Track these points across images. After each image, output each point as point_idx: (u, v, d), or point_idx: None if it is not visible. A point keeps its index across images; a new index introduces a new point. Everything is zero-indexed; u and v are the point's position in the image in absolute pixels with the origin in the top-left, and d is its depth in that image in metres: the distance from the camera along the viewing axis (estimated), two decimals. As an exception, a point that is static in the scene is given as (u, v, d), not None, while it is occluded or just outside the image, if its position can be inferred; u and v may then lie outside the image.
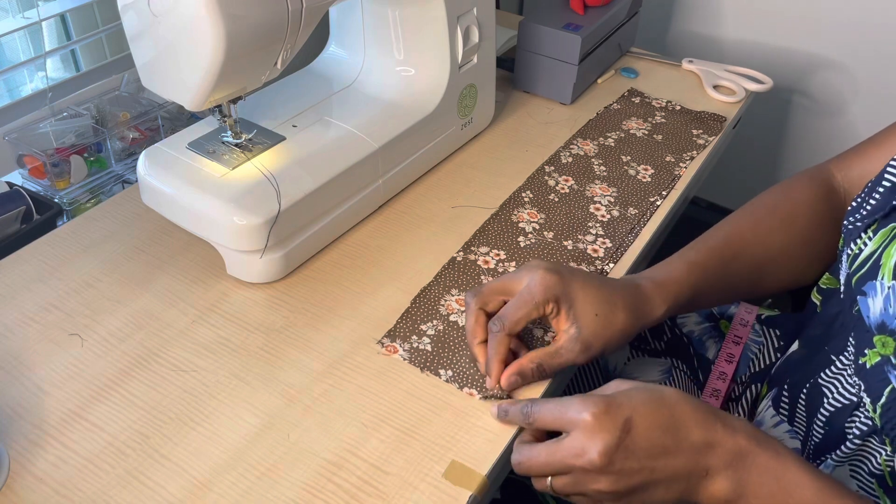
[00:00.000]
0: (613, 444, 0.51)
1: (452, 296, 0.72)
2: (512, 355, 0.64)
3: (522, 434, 0.59)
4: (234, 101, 0.71)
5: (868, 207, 0.61)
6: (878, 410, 0.55)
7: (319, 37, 0.84)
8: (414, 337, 0.68)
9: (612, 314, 0.63)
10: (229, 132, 0.75)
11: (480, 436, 0.61)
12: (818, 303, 0.71)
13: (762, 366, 0.81)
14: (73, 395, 0.63)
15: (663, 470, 0.52)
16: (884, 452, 0.56)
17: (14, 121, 0.87)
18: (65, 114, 0.89)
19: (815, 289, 0.72)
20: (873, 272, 0.57)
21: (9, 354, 0.66)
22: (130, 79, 0.96)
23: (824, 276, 0.71)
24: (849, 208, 0.63)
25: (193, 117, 0.96)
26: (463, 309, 0.70)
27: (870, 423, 0.57)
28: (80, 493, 0.56)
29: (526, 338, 0.68)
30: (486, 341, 0.64)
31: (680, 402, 0.52)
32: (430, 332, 0.68)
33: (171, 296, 0.72)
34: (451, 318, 0.70)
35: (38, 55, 0.90)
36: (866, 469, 0.58)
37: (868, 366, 0.56)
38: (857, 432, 0.58)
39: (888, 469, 0.56)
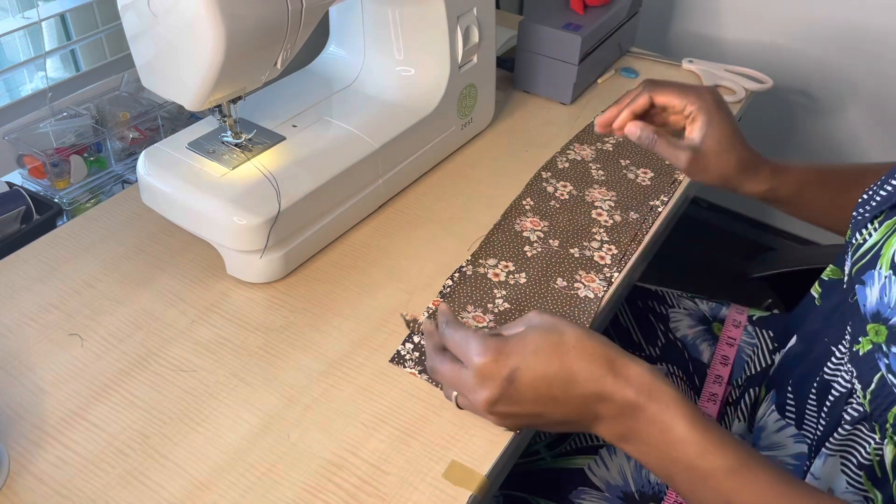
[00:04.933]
0: (496, 395, 0.54)
1: (469, 312, 0.71)
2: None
3: (435, 339, 0.61)
4: (234, 101, 0.71)
5: (878, 199, 0.61)
6: (868, 397, 0.56)
7: (319, 37, 0.84)
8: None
9: (725, 155, 0.72)
10: (229, 132, 0.75)
11: (480, 436, 0.61)
12: (817, 296, 0.71)
13: (758, 368, 0.81)
14: (73, 395, 0.63)
15: (551, 414, 0.55)
16: (873, 441, 0.57)
17: (14, 121, 0.87)
18: (65, 114, 0.89)
19: (816, 282, 0.72)
20: (873, 262, 0.57)
21: (9, 354, 0.66)
22: (130, 79, 0.96)
23: (828, 269, 0.71)
24: (859, 200, 0.64)
25: (193, 117, 0.96)
26: (481, 325, 0.70)
27: (861, 409, 0.57)
28: (81, 493, 0.56)
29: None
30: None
31: (573, 353, 0.54)
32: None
33: (171, 296, 0.72)
34: None
35: (38, 55, 0.90)
36: (855, 461, 0.58)
37: (861, 353, 0.57)
38: (849, 418, 0.59)
39: (877, 459, 0.57)
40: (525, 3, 1.56)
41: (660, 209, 0.84)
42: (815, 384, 0.65)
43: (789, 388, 0.68)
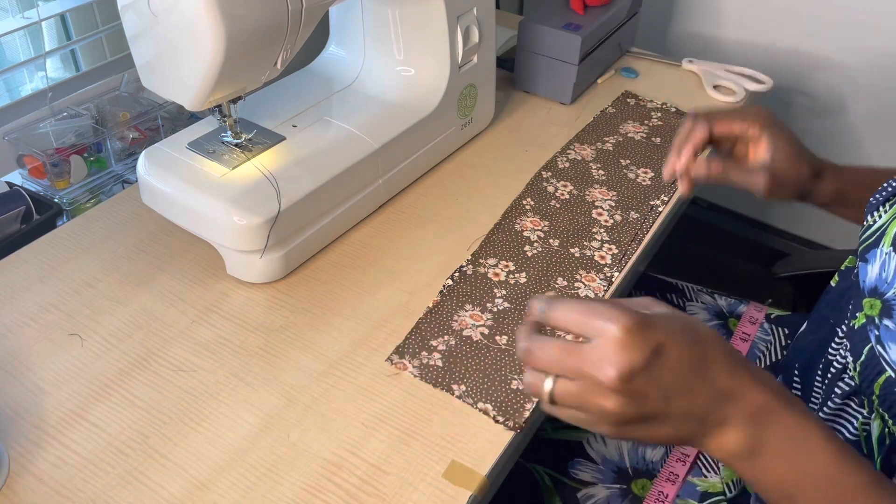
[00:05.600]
0: (640, 365, 0.45)
1: (466, 311, 0.71)
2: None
3: (530, 322, 0.50)
4: (234, 101, 0.71)
5: (894, 185, 0.62)
6: (858, 369, 0.56)
7: (319, 37, 0.84)
8: (424, 353, 0.67)
9: (798, 165, 0.71)
10: (229, 132, 0.75)
11: (480, 436, 0.61)
12: (834, 285, 0.72)
13: (769, 363, 0.82)
14: (73, 395, 0.63)
15: (679, 407, 0.47)
16: (861, 416, 0.57)
17: (14, 121, 0.87)
18: (65, 114, 0.89)
19: (836, 273, 0.73)
20: (878, 241, 0.58)
21: (9, 354, 0.66)
22: (130, 79, 0.96)
23: (847, 259, 0.71)
24: (879, 188, 0.64)
25: (193, 117, 0.96)
26: (478, 324, 0.70)
27: (852, 383, 0.58)
28: (80, 493, 0.56)
29: None
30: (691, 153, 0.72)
31: (714, 343, 0.48)
32: (441, 347, 0.67)
33: (171, 296, 0.72)
34: (465, 332, 0.69)
35: (38, 55, 0.90)
36: (842, 437, 0.59)
37: (856, 327, 0.57)
38: (839, 392, 0.59)
39: (864, 434, 0.57)
40: (525, 3, 1.56)
41: (660, 209, 0.84)
42: (820, 365, 0.65)
43: (796, 371, 0.69)
